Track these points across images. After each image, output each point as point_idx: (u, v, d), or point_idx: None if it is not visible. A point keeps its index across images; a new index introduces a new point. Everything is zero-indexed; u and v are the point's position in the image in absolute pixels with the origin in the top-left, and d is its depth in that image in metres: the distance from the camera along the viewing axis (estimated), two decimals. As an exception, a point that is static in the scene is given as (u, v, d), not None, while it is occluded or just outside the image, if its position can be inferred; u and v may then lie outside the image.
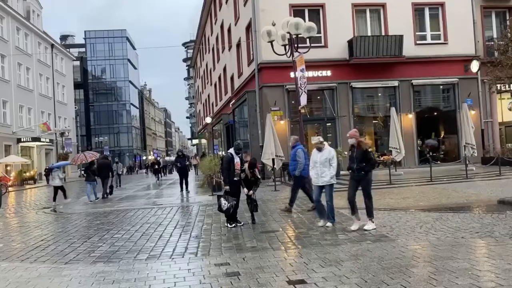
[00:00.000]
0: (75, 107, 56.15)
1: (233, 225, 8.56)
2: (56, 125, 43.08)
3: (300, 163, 9.68)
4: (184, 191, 17.25)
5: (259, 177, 9.18)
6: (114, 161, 23.96)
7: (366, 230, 7.32)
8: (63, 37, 78.34)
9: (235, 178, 8.66)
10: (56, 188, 14.89)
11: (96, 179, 16.50)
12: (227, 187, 8.66)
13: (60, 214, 12.89)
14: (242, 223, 8.75)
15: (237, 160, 8.70)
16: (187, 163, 18.14)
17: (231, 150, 8.91)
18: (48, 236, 8.80)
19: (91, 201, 15.72)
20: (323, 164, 7.84)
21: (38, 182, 36.21)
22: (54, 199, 14.77)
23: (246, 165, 8.79)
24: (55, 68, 45.79)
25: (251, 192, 8.78)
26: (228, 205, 8.42)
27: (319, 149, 8.01)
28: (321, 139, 8.17)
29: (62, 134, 40.93)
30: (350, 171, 7.67)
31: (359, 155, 7.39)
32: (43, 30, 43.91)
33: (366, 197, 7.56)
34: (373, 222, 7.49)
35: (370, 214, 7.55)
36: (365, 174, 7.45)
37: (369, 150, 7.58)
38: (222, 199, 8.57)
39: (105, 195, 16.89)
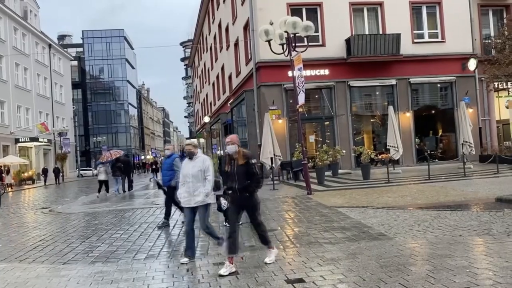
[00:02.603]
0: (73, 107, 56.08)
1: (232, 224, 8.54)
2: (54, 125, 43.05)
3: (178, 173, 9.33)
4: None
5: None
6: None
7: (267, 263, 5.63)
8: (61, 37, 78.27)
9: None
10: (101, 182, 17.11)
11: (121, 175, 18.05)
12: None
13: (58, 214, 12.89)
14: (241, 222, 8.74)
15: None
16: None
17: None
18: (47, 236, 8.80)
19: (119, 193, 17.57)
20: (196, 178, 5.97)
21: (36, 182, 36.17)
22: (99, 191, 17.03)
23: None
24: (53, 68, 45.73)
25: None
26: (228, 204, 8.40)
27: (191, 157, 6.10)
28: (195, 143, 6.56)
29: (60, 134, 40.90)
30: (230, 191, 5.87)
31: (241, 169, 5.56)
32: (40, 30, 43.83)
33: (255, 226, 5.84)
34: (273, 249, 5.87)
35: (266, 242, 5.84)
36: (249, 196, 5.65)
37: (253, 161, 5.65)
38: (221, 198, 8.54)
39: (126, 190, 18.71)
